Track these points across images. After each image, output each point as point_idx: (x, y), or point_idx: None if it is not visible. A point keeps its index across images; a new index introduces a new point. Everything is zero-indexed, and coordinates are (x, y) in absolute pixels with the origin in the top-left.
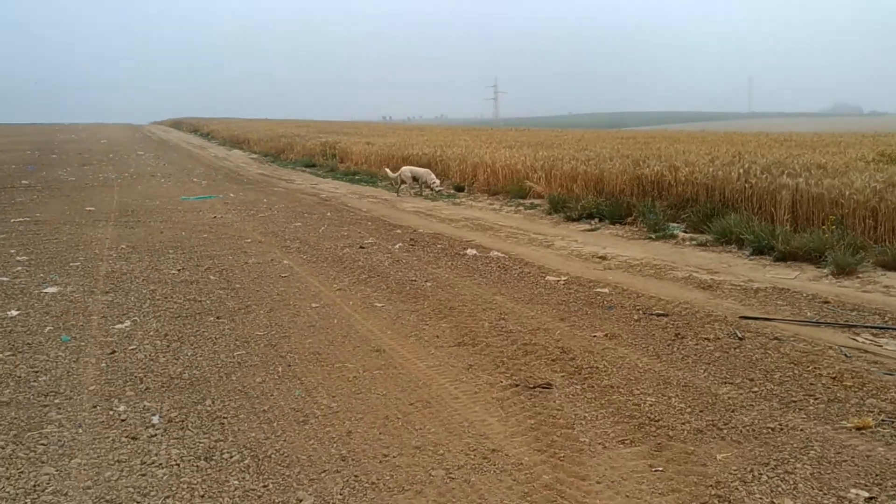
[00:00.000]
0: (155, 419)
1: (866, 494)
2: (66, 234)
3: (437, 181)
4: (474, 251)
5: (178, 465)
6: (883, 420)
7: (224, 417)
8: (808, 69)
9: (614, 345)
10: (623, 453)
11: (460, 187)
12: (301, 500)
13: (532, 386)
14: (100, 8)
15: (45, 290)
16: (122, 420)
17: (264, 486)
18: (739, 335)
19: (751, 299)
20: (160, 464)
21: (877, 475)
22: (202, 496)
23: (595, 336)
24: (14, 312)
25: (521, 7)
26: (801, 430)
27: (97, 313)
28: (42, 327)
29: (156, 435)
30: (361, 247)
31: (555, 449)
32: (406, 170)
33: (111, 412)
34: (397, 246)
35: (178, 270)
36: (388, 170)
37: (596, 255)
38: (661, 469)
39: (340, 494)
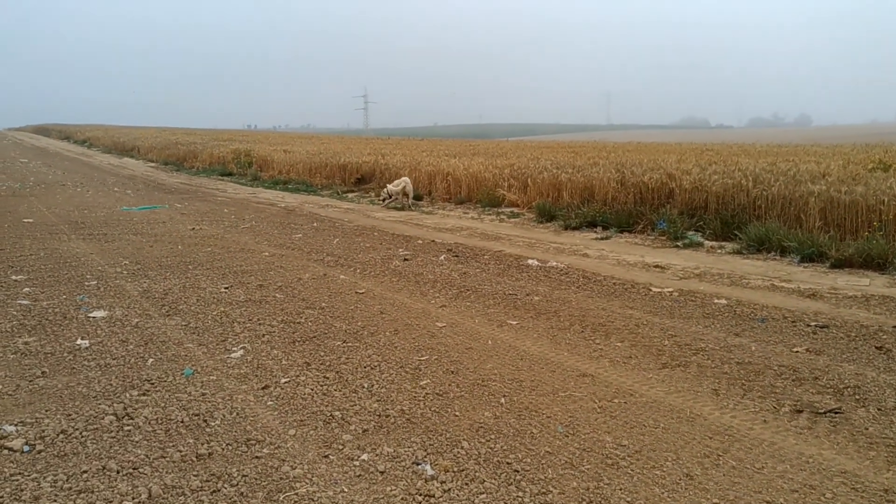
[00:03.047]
0: (427, 469)
1: None
2: (40, 250)
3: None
4: (535, 262)
5: None
6: None
7: (507, 462)
8: (660, 86)
9: (831, 361)
10: None
11: (419, 196)
12: None
13: (822, 411)
14: None
15: (92, 315)
16: (381, 472)
17: None
18: None
19: (873, 307)
20: None
21: None
22: None
23: (797, 351)
24: (84, 342)
25: (388, 17)
26: None
27: (187, 341)
28: (141, 359)
29: (450, 489)
30: (405, 259)
31: None
32: (399, 182)
33: (355, 462)
34: (442, 258)
35: (227, 289)
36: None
37: (649, 265)
38: None
39: None
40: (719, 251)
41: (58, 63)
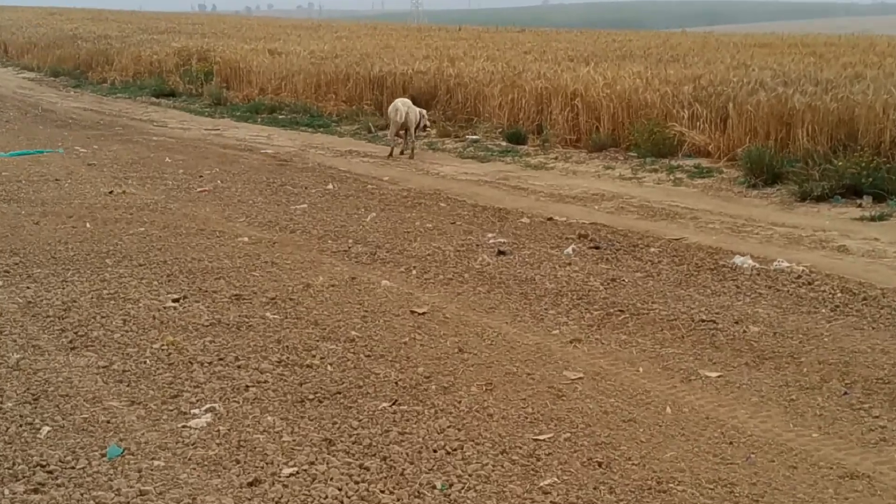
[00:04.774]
0: None
1: None
2: None
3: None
4: (748, 260)
5: None
6: None
7: None
8: None
9: None
10: None
11: (518, 135)
12: None
13: None
14: None
15: None
16: None
17: None
18: None
19: None
20: None
21: None
22: None
23: None
24: None
25: None
26: None
27: (110, 396)
28: (29, 428)
29: None
30: (500, 252)
31: None
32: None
33: None
34: (569, 250)
35: (178, 301)
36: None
37: None
38: None
39: None
40: None
41: None
